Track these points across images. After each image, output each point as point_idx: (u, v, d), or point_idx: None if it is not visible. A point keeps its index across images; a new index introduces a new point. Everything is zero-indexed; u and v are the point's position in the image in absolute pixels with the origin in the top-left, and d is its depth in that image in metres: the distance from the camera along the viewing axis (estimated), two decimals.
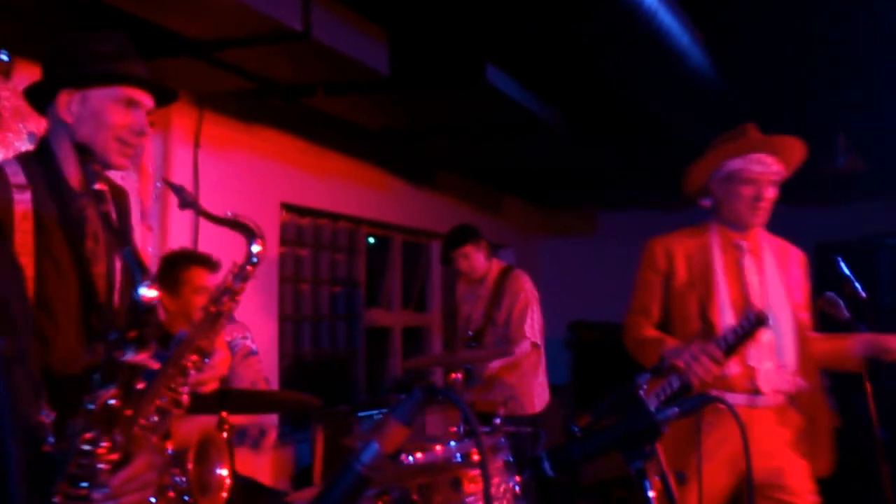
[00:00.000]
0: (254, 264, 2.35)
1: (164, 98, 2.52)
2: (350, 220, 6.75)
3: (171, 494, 2.98)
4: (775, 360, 3.45)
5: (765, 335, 3.37)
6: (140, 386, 2.14)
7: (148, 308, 2.07)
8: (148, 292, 2.04)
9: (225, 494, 3.22)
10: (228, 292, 2.34)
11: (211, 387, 2.44)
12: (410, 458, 3.90)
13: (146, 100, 2.43)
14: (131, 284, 2.15)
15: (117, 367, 2.08)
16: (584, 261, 9.87)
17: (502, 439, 4.20)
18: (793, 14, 5.06)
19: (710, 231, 3.68)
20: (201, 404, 2.94)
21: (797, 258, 3.74)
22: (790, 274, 3.67)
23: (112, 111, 2.37)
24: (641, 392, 2.11)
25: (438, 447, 4.10)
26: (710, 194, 3.70)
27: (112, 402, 2.05)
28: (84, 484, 2.02)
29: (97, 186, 2.30)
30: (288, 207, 6.02)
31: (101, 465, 2.04)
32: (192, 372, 2.27)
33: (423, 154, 7.23)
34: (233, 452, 3.43)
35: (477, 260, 5.87)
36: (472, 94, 5.33)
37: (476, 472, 3.97)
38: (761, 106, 6.21)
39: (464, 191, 8.26)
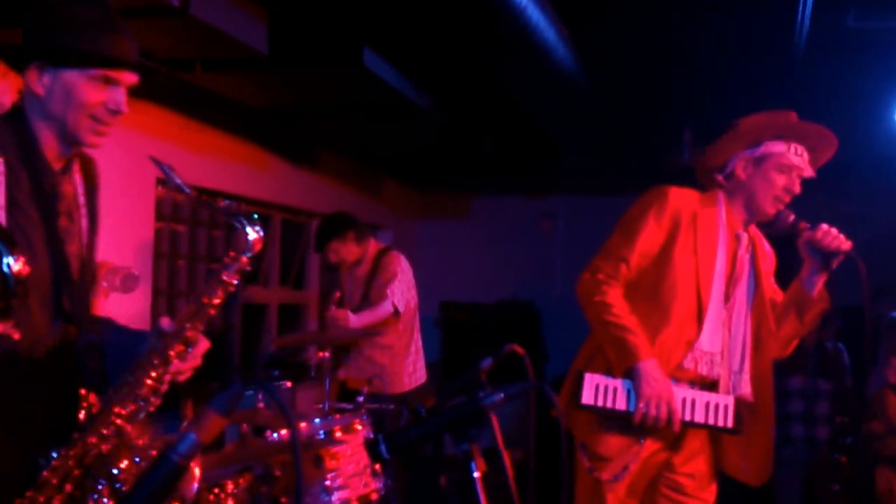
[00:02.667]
0: (249, 256, 2.31)
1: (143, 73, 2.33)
2: (229, 198, 6.71)
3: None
4: (734, 366, 3.36)
5: (715, 335, 3.31)
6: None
7: (18, 280, 1.94)
8: (15, 265, 1.92)
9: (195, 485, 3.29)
10: (221, 284, 2.31)
11: (186, 376, 2.37)
12: (275, 434, 3.96)
13: (127, 76, 2.26)
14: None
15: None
16: (458, 243, 10.07)
17: (365, 416, 4.31)
18: (648, 19, 5.31)
19: (718, 205, 3.38)
20: None
21: (772, 258, 3.59)
22: (769, 274, 3.53)
23: (86, 89, 2.21)
24: (483, 376, 2.25)
25: (303, 424, 4.20)
26: (731, 170, 3.37)
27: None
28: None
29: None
30: (164, 183, 5.95)
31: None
32: (175, 361, 2.27)
33: (304, 133, 7.25)
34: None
35: (345, 252, 5.95)
36: (349, 77, 5.38)
37: (337, 449, 4.08)
38: (618, 101, 6.49)
39: (343, 171, 8.30)
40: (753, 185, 3.32)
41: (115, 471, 2.22)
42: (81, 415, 2.24)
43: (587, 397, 3.24)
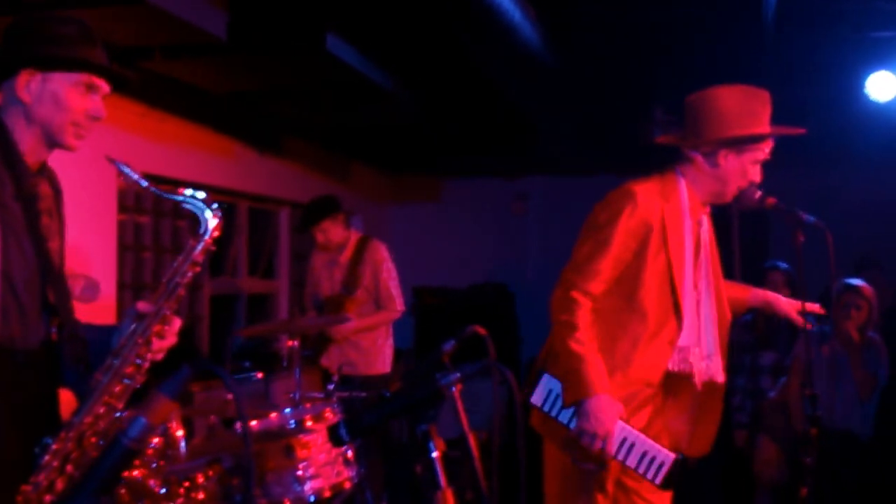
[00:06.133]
0: (213, 236, 2.45)
1: (120, 83, 2.55)
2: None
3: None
4: (706, 351, 3.35)
5: (693, 325, 3.30)
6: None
7: None
8: None
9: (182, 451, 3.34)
10: (190, 264, 2.44)
11: (161, 355, 2.46)
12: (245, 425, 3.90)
13: (104, 85, 2.47)
14: None
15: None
16: (429, 227, 10.03)
17: (335, 404, 4.27)
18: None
19: (680, 191, 3.34)
20: None
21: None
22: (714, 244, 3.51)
23: (72, 95, 2.40)
24: (446, 358, 2.21)
25: (273, 414, 4.15)
26: (712, 155, 3.30)
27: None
28: None
29: None
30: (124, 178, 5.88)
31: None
32: (155, 340, 2.38)
33: (269, 120, 7.19)
34: None
35: (335, 233, 5.94)
36: (313, 61, 5.34)
37: (309, 438, 4.03)
38: (590, 80, 6.46)
39: (311, 157, 8.23)
40: (728, 171, 3.29)
41: None
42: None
43: (537, 398, 3.25)
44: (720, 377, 3.36)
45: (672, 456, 3.19)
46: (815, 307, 3.55)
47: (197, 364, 1.74)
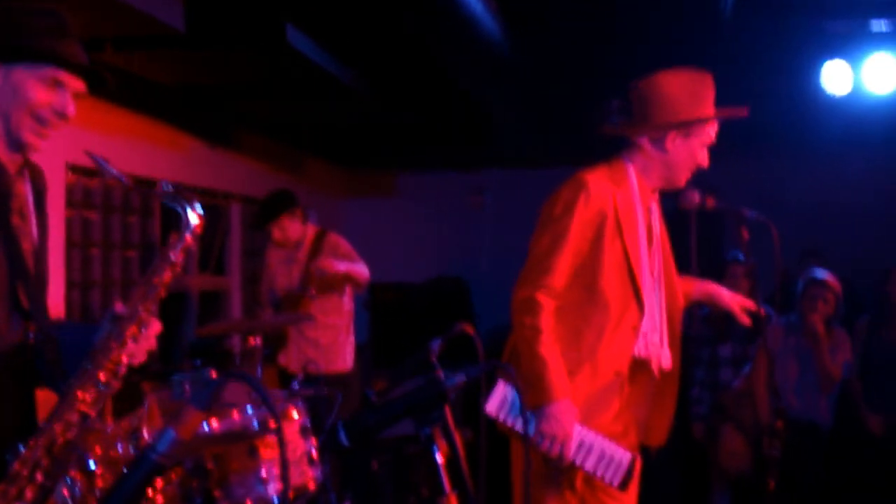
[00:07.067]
0: (193, 234, 2.37)
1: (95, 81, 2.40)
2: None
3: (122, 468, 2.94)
4: (659, 336, 3.34)
5: (652, 311, 3.30)
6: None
7: None
8: None
9: None
10: (169, 263, 2.35)
11: (140, 358, 2.36)
12: (206, 427, 3.82)
13: (74, 82, 2.31)
14: None
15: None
16: (384, 221, 9.94)
17: (300, 403, 4.18)
18: None
19: (630, 178, 3.31)
20: None
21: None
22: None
23: (33, 88, 2.25)
24: (433, 357, 2.15)
25: (235, 414, 4.05)
26: (660, 140, 3.28)
27: None
28: None
29: None
30: (74, 168, 5.73)
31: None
32: (130, 343, 2.28)
33: (222, 113, 7.08)
34: None
35: (292, 229, 5.83)
36: (273, 54, 5.26)
37: (273, 439, 3.94)
38: (547, 73, 6.44)
39: (263, 151, 8.12)
40: (677, 156, 3.27)
41: (88, 457, 2.27)
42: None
43: (492, 407, 3.20)
44: (669, 364, 3.36)
45: (629, 455, 3.18)
46: (750, 304, 3.55)
47: (229, 374, 1.67)
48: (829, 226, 8.17)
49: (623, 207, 3.25)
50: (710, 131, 3.28)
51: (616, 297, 3.24)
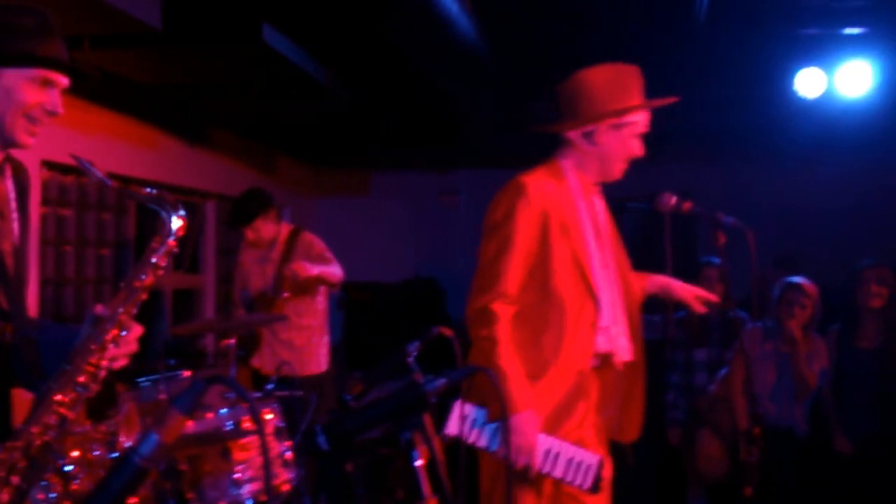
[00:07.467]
0: (176, 239, 2.37)
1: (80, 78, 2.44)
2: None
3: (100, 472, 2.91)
4: (620, 328, 3.34)
5: (609, 304, 3.29)
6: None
7: None
8: None
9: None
10: (151, 267, 2.35)
11: (121, 362, 2.35)
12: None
13: (62, 79, 2.36)
14: None
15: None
16: (358, 221, 9.93)
17: (274, 405, 4.16)
18: None
19: (568, 176, 3.32)
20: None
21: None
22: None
23: (26, 89, 2.29)
24: (411, 360, 2.15)
25: (209, 415, 4.02)
26: (591, 135, 3.28)
27: None
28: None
29: None
30: (49, 165, 5.69)
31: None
32: (111, 347, 2.28)
33: (197, 111, 7.04)
34: None
35: (266, 230, 5.79)
36: (249, 53, 5.23)
37: (246, 441, 3.91)
38: (520, 74, 6.45)
39: (238, 150, 8.08)
40: (609, 148, 3.29)
41: (63, 461, 2.27)
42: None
43: (451, 428, 3.16)
44: (631, 356, 3.36)
45: (597, 457, 3.17)
46: (710, 296, 3.59)
47: (211, 379, 1.66)
48: (802, 230, 8.24)
49: (565, 205, 3.26)
50: (641, 121, 3.30)
51: (570, 296, 3.23)
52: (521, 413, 3.09)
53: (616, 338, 3.31)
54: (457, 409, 3.15)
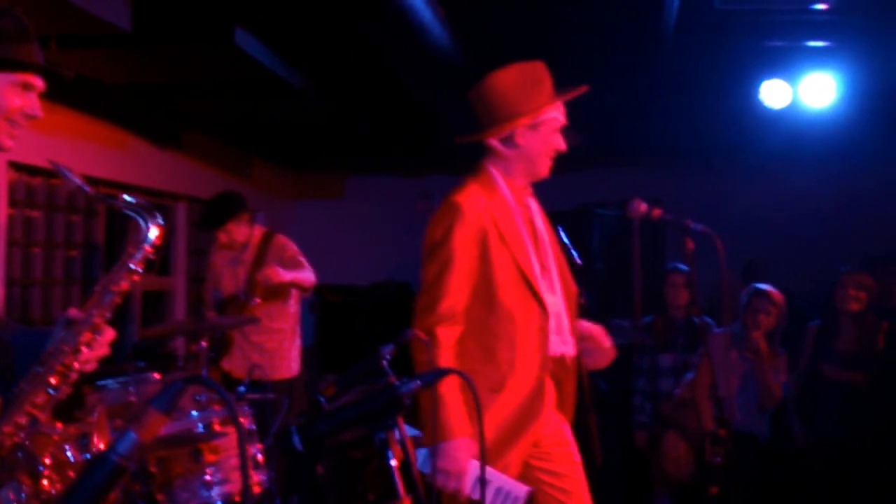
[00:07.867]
0: (152, 245, 2.40)
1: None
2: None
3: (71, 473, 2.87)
4: (561, 326, 3.32)
5: (556, 301, 3.29)
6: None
7: None
8: None
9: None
10: (128, 272, 2.37)
11: (93, 366, 2.35)
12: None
13: (39, 82, 2.37)
14: None
15: None
16: (332, 224, 9.92)
17: (246, 407, 4.16)
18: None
19: (498, 184, 3.30)
20: None
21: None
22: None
23: (8, 94, 2.30)
24: (385, 363, 2.17)
25: (180, 417, 4.01)
26: (510, 139, 3.27)
27: None
28: None
29: None
30: (17, 166, 5.65)
31: None
32: (83, 350, 2.29)
33: (168, 113, 7.01)
34: None
35: (239, 233, 5.74)
36: (220, 56, 5.22)
37: (217, 443, 3.91)
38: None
39: (212, 152, 8.06)
40: (531, 148, 3.27)
41: (35, 461, 2.26)
42: None
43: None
44: (574, 351, 3.34)
45: (525, 489, 3.16)
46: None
47: (190, 378, 1.67)
48: (768, 237, 8.34)
49: (500, 215, 3.24)
50: (557, 115, 3.29)
51: (517, 304, 3.22)
52: (455, 439, 3.08)
53: (562, 339, 3.30)
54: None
